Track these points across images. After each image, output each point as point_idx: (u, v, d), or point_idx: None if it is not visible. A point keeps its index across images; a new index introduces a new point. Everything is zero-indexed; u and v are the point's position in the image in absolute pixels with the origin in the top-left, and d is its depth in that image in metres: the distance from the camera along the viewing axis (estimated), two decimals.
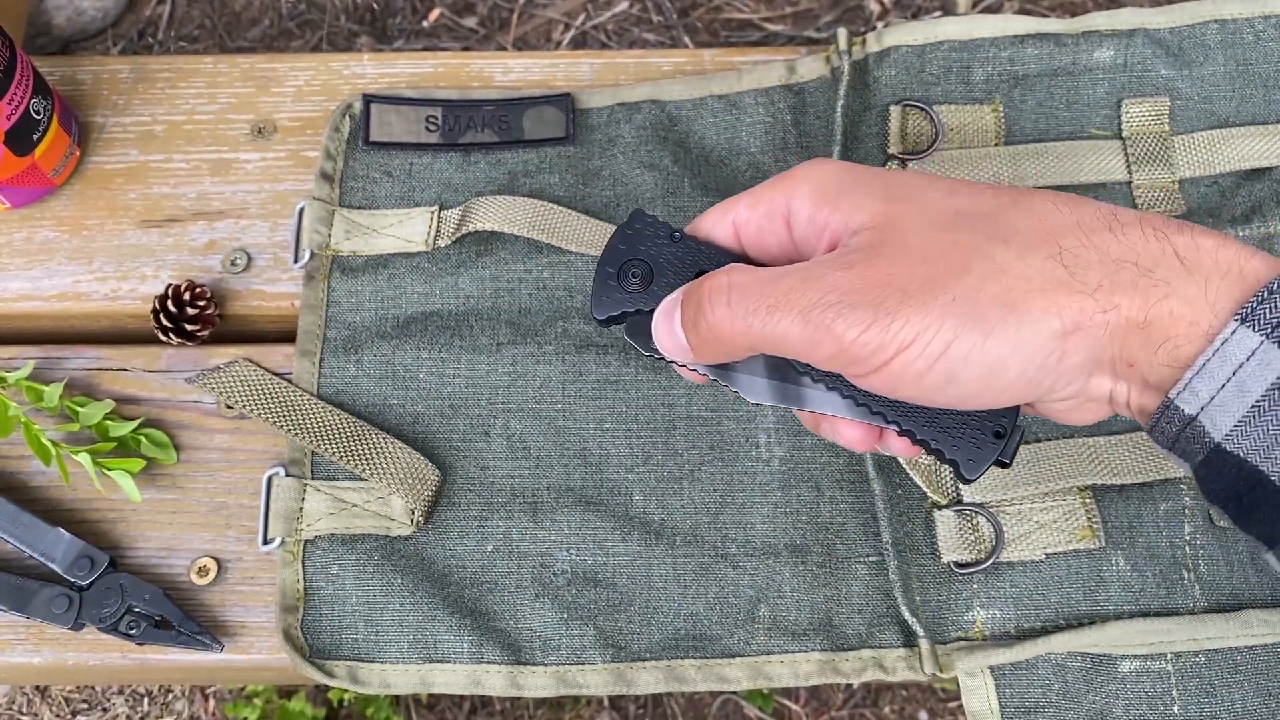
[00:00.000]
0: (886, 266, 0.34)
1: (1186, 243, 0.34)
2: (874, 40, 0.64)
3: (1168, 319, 0.33)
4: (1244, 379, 0.32)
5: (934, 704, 1.17)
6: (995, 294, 0.33)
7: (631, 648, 0.54)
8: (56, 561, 0.55)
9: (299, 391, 0.58)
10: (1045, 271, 0.33)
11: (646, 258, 0.40)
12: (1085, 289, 0.33)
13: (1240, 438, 0.33)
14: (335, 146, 0.65)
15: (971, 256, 0.34)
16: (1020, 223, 0.35)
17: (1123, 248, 0.34)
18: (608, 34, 1.43)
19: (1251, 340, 0.32)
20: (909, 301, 0.33)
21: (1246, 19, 0.63)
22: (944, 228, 0.35)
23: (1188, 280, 0.33)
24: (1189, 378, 0.33)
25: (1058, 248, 0.34)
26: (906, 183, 0.37)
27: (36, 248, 0.64)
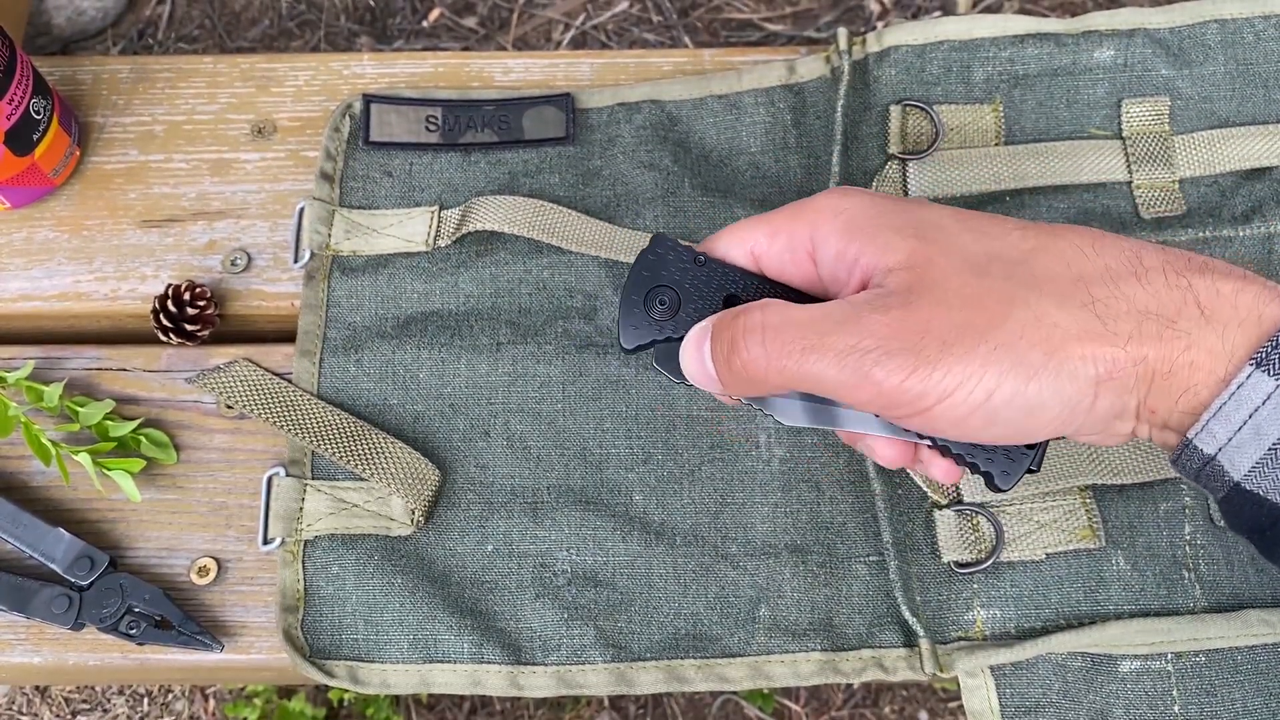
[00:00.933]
0: (925, 312, 0.35)
1: (1208, 288, 0.35)
2: (874, 40, 0.64)
3: (1188, 369, 0.34)
4: (1260, 422, 0.33)
5: (934, 704, 1.17)
6: (1036, 341, 0.34)
7: (632, 648, 0.54)
8: (56, 561, 0.55)
9: (299, 391, 0.58)
10: (1081, 321, 0.34)
11: (672, 284, 0.40)
12: (1117, 340, 0.34)
13: (1259, 478, 0.34)
14: (335, 146, 0.65)
15: (1010, 305, 0.35)
16: (1053, 269, 0.36)
17: (1148, 297, 0.35)
18: (608, 34, 1.43)
19: (1267, 384, 0.33)
20: (950, 350, 0.34)
21: (1247, 19, 0.63)
22: (979, 272, 0.35)
23: (1207, 330, 0.34)
24: (1206, 419, 0.34)
25: (1090, 297, 0.35)
26: (936, 221, 0.37)
27: (36, 248, 0.64)
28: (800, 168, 0.64)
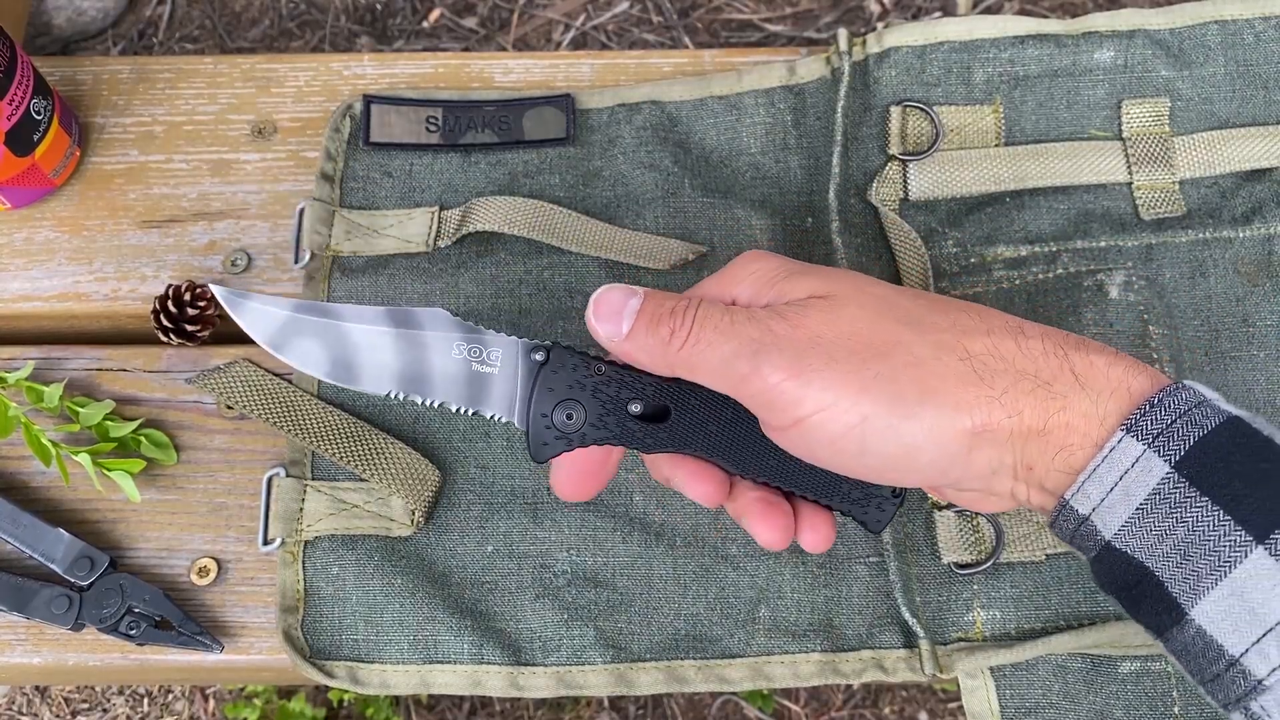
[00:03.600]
0: (817, 326, 0.37)
1: (1082, 360, 0.37)
2: (874, 41, 0.64)
3: (1063, 429, 0.36)
4: (1129, 484, 0.35)
5: (934, 704, 1.17)
6: (914, 379, 0.36)
7: (632, 648, 0.54)
8: (56, 562, 0.55)
9: (299, 392, 0.58)
10: (958, 370, 0.37)
11: (577, 397, 0.41)
12: (993, 393, 0.36)
13: (1128, 537, 0.36)
14: (336, 147, 0.65)
15: (894, 345, 0.37)
16: (940, 324, 0.38)
17: (1026, 360, 0.37)
18: (608, 34, 1.43)
19: (1135, 449, 0.35)
20: (833, 366, 0.36)
21: (1247, 20, 0.63)
22: (873, 313, 0.38)
23: (1081, 395, 0.37)
24: (1081, 481, 0.36)
25: (966, 353, 0.37)
26: (844, 273, 0.41)
27: (37, 248, 0.64)
28: (800, 168, 0.64)
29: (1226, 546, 0.34)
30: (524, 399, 0.42)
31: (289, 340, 0.41)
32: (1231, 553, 0.34)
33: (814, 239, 0.62)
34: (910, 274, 0.60)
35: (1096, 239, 0.60)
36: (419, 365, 0.42)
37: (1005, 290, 0.60)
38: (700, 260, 0.61)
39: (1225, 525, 0.34)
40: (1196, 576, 0.34)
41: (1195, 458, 0.35)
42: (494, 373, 0.42)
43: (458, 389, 0.42)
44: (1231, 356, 0.58)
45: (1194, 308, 0.59)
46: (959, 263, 0.61)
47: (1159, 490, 0.35)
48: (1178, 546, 0.35)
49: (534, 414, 0.41)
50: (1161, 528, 0.35)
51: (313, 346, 0.41)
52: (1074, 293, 0.59)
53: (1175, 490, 0.35)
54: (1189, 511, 0.35)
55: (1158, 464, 0.35)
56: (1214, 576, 0.34)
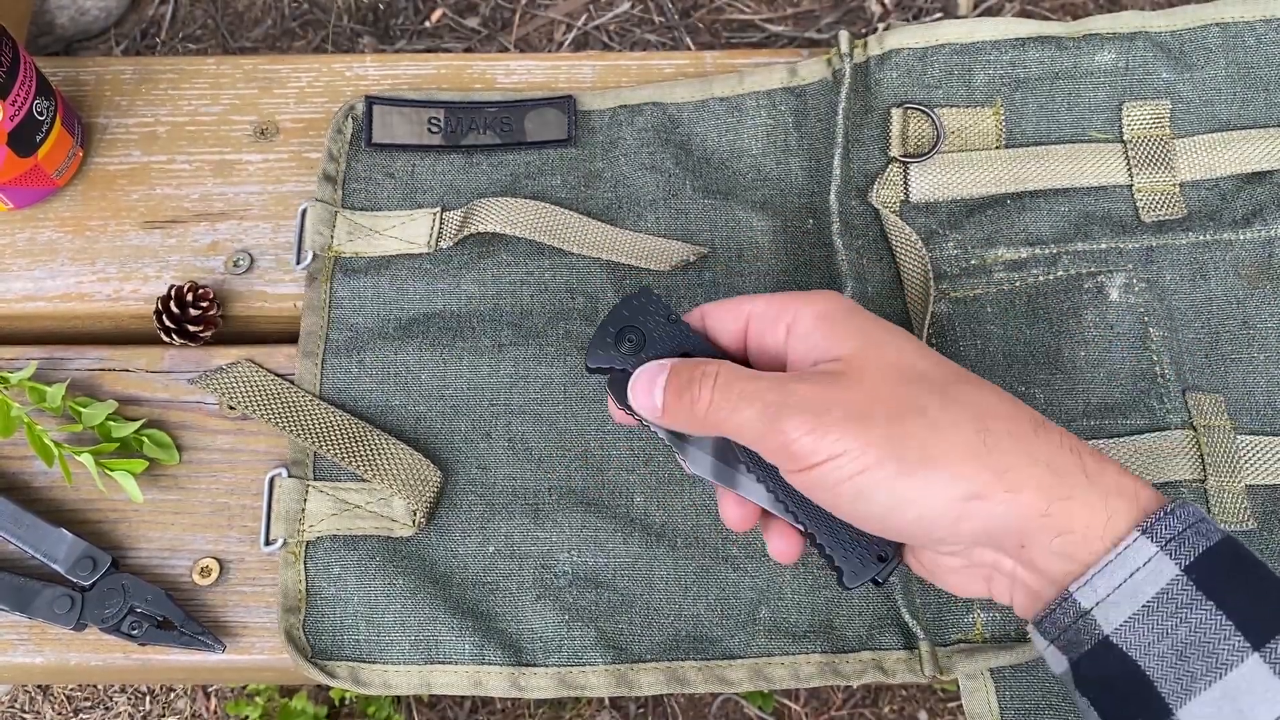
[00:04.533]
0: (841, 393, 0.40)
1: (1094, 462, 0.39)
2: (875, 43, 0.64)
3: (1066, 515, 0.38)
4: (1138, 581, 0.37)
5: (934, 704, 1.17)
6: (919, 445, 0.38)
7: (632, 649, 0.54)
8: (59, 562, 0.55)
9: (301, 393, 0.58)
10: (969, 442, 0.38)
11: (643, 329, 0.45)
12: (996, 470, 0.38)
13: (1127, 633, 0.37)
14: (338, 148, 0.65)
15: (911, 410, 0.39)
16: (963, 398, 0.40)
17: (1040, 448, 0.39)
18: (609, 35, 1.43)
19: (1149, 549, 0.37)
20: (848, 423, 0.39)
21: (1248, 22, 0.63)
22: (899, 380, 0.40)
23: (1089, 490, 0.38)
24: (1091, 575, 0.38)
25: (985, 428, 0.39)
26: (889, 336, 0.43)
27: (39, 248, 0.64)
28: (801, 170, 0.64)
29: (1225, 650, 0.36)
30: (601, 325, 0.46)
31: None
32: (1229, 656, 0.36)
33: (815, 241, 0.62)
34: (911, 276, 0.60)
35: (1097, 241, 0.60)
36: None
37: (1006, 292, 0.60)
38: (701, 261, 0.61)
39: (1226, 629, 0.36)
40: (1191, 677, 0.36)
41: (1203, 564, 0.37)
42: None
43: None
44: (1232, 359, 0.58)
45: (1194, 310, 0.59)
46: (959, 264, 0.61)
47: (1166, 590, 0.37)
48: (1175, 646, 0.36)
49: (605, 325, 0.46)
50: (1164, 626, 0.37)
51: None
52: (1074, 295, 0.59)
53: (1183, 592, 0.37)
54: (1193, 613, 0.36)
55: (1168, 566, 0.37)
56: (1209, 678, 0.36)
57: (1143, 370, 0.57)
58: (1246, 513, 0.54)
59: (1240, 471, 0.55)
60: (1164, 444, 0.55)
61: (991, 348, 0.59)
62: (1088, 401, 0.57)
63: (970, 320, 0.59)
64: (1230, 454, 0.55)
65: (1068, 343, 0.58)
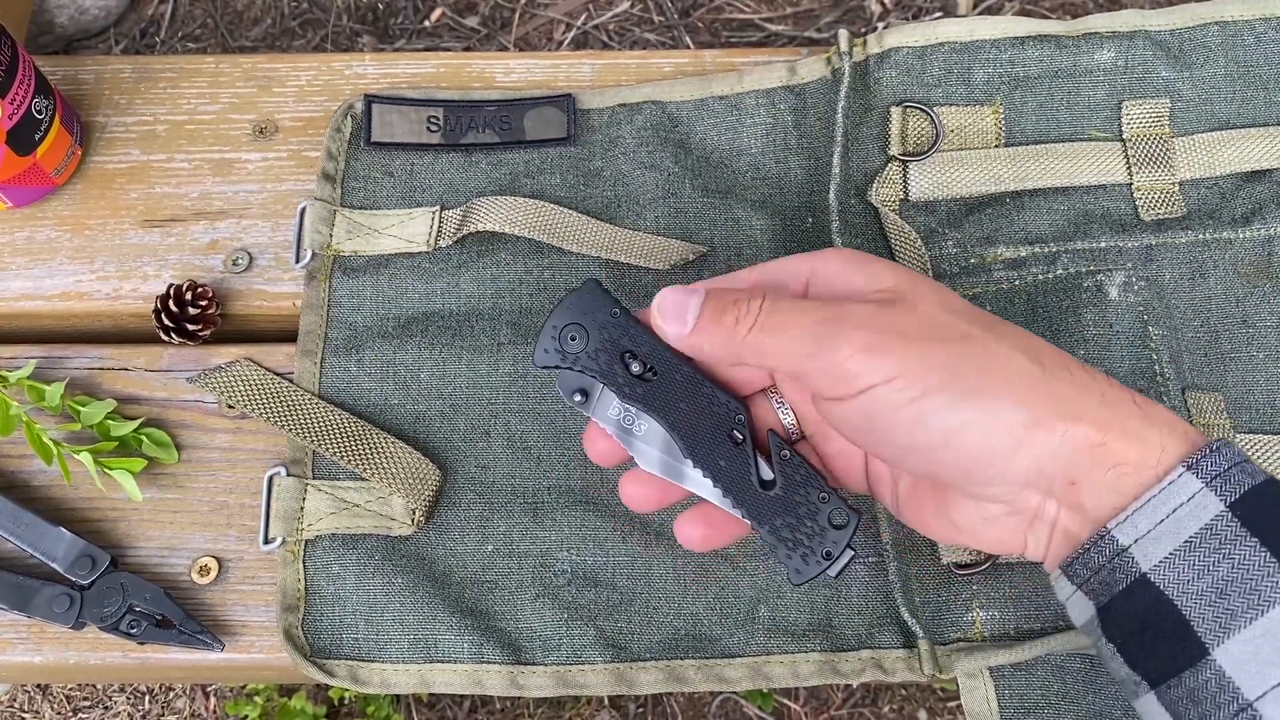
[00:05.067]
0: (897, 317, 0.39)
1: (1144, 401, 0.39)
2: (875, 42, 0.64)
3: (1121, 448, 0.37)
4: (1181, 517, 0.36)
5: (933, 703, 1.17)
6: (981, 370, 0.37)
7: (631, 648, 0.54)
8: (58, 561, 0.55)
9: (300, 391, 0.58)
10: (1027, 370, 0.38)
11: (587, 324, 0.45)
12: (1055, 398, 0.37)
13: (1166, 570, 0.36)
14: (337, 147, 0.65)
15: (968, 337, 0.39)
16: (1011, 334, 0.40)
17: (1091, 380, 0.39)
18: (609, 34, 1.43)
19: (1194, 485, 0.37)
20: (908, 344, 0.38)
21: (1247, 21, 0.63)
22: (950, 311, 0.40)
23: (1143, 423, 0.38)
24: (1132, 510, 0.37)
25: (1039, 360, 0.39)
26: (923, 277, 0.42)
27: (38, 247, 0.64)
28: (801, 169, 0.64)
29: (1268, 587, 0.35)
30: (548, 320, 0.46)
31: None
32: (1272, 593, 0.35)
33: (814, 239, 0.62)
34: None
35: (1096, 240, 0.60)
36: None
37: (1005, 291, 0.60)
38: (700, 260, 0.61)
39: (1271, 566, 0.35)
40: (1230, 615, 0.35)
41: (1249, 502, 0.36)
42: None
43: None
44: (1231, 357, 0.58)
45: (1194, 309, 0.59)
46: (959, 263, 0.61)
47: (1210, 526, 0.36)
48: (1215, 584, 0.36)
49: (550, 323, 0.45)
50: (1205, 563, 0.36)
51: None
52: (1074, 293, 0.59)
53: (1227, 528, 0.36)
54: (1237, 549, 0.36)
55: (1213, 502, 0.36)
56: (1249, 615, 0.35)
57: (1142, 369, 0.57)
58: None
59: None
60: None
61: None
62: None
63: None
64: None
65: (1067, 341, 0.58)
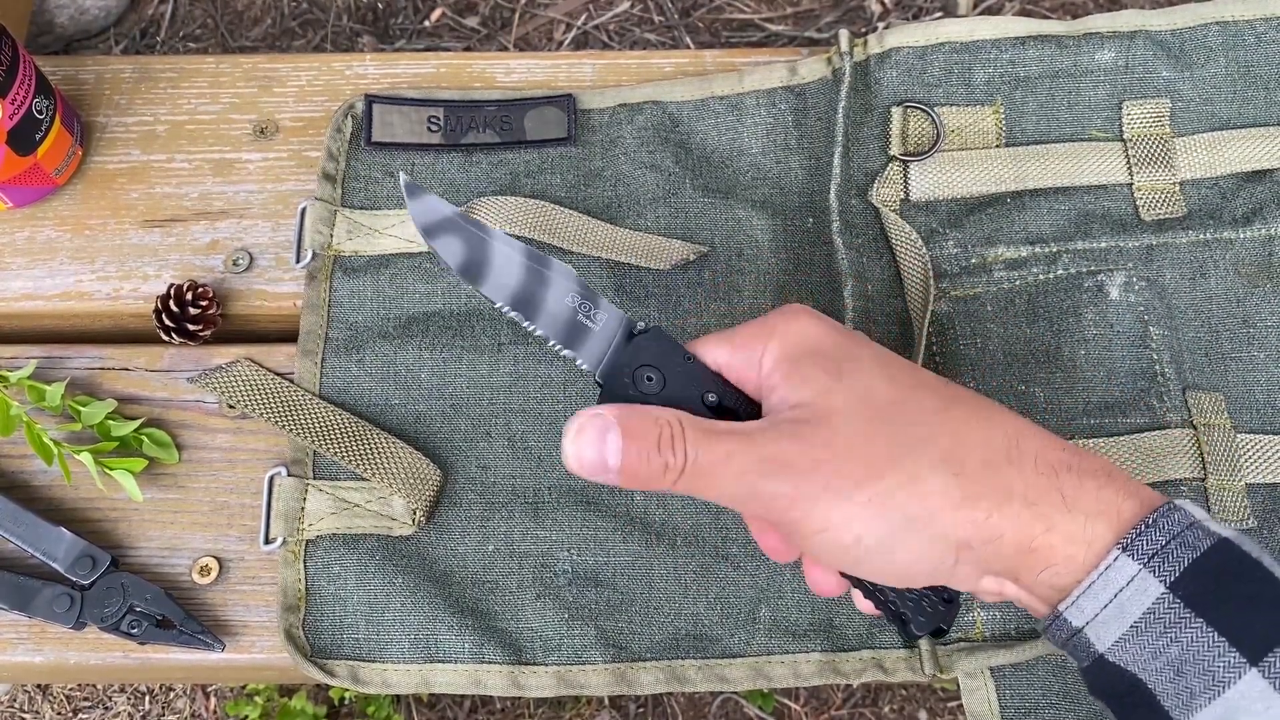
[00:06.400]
0: (813, 448, 0.38)
1: (1072, 483, 0.38)
2: (875, 42, 0.64)
3: (1048, 550, 0.38)
4: (1124, 601, 0.37)
5: (934, 703, 1.17)
6: (903, 503, 0.38)
7: (632, 648, 0.54)
8: (58, 561, 0.55)
9: (301, 391, 0.58)
10: (948, 490, 0.38)
11: (662, 367, 0.43)
12: (978, 516, 0.38)
13: (1121, 651, 0.37)
14: (337, 147, 0.65)
15: (890, 463, 0.38)
16: (934, 432, 0.39)
17: (1016, 479, 0.38)
18: (609, 34, 1.43)
19: (1131, 568, 0.37)
20: (829, 493, 0.38)
21: (1248, 21, 0.63)
22: (874, 420, 0.39)
23: (1068, 518, 0.38)
24: (1076, 596, 0.38)
25: (960, 469, 0.38)
26: (858, 361, 0.41)
27: (39, 247, 0.64)
28: (802, 169, 0.64)
29: (1220, 667, 0.35)
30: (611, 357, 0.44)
31: (440, 233, 0.44)
32: (1225, 673, 0.35)
33: (815, 239, 0.62)
34: (911, 274, 0.60)
35: (1097, 240, 0.60)
36: (534, 294, 0.44)
37: (1006, 291, 0.60)
38: (700, 260, 0.61)
39: (1219, 647, 0.35)
40: (1190, 694, 0.35)
41: (1189, 579, 0.36)
42: (595, 329, 0.44)
43: (558, 328, 0.44)
44: (1232, 358, 0.58)
45: (1194, 309, 0.59)
46: (959, 263, 0.61)
47: (1154, 610, 0.36)
48: (1171, 664, 0.36)
49: (618, 369, 0.44)
50: (1156, 645, 0.36)
51: (456, 245, 0.44)
52: (1074, 293, 0.59)
53: (1170, 610, 0.36)
54: (1183, 632, 0.36)
55: (1153, 584, 0.36)
56: (1208, 695, 0.35)
57: (1143, 369, 0.57)
58: (1246, 511, 0.54)
59: (1240, 470, 0.55)
60: (1164, 442, 0.55)
61: (991, 346, 0.59)
62: (1088, 400, 0.57)
63: (970, 319, 0.59)
64: (1230, 452, 0.55)
65: (1068, 341, 0.58)
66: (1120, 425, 0.56)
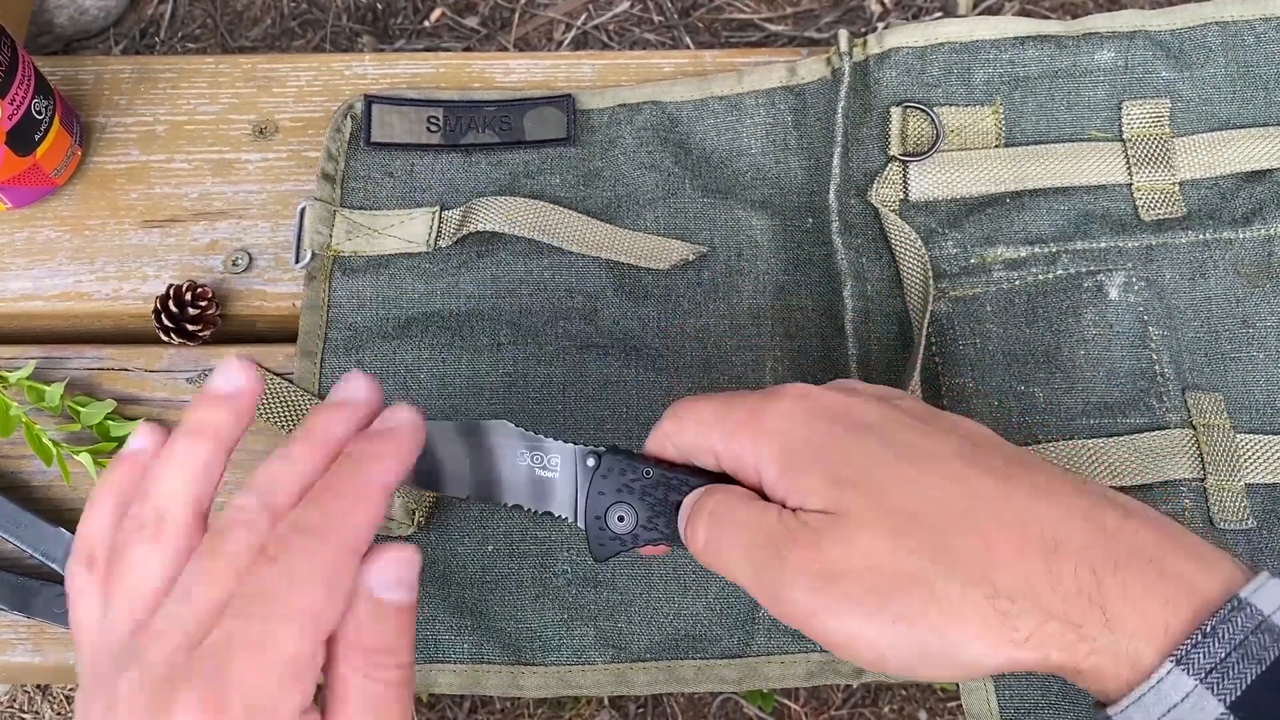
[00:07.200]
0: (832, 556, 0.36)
1: (1116, 590, 0.35)
2: (875, 42, 0.64)
3: (1094, 672, 0.35)
4: (1181, 716, 0.33)
5: (933, 703, 1.17)
6: (933, 626, 0.35)
7: (631, 648, 0.54)
8: (58, 562, 0.55)
9: (300, 392, 0.58)
10: (981, 614, 0.35)
11: (628, 500, 0.42)
12: (1017, 637, 0.35)
13: None
14: (337, 147, 0.65)
15: (914, 581, 0.35)
16: (964, 548, 0.36)
17: (1054, 595, 0.35)
18: (609, 34, 1.43)
19: (1186, 683, 0.33)
20: (848, 607, 0.36)
21: (1247, 21, 0.63)
22: (893, 539, 0.36)
23: (1111, 639, 0.35)
24: (1125, 705, 0.35)
25: (994, 590, 0.35)
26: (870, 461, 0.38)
27: (38, 248, 0.64)
28: (801, 169, 0.64)
29: None
30: (582, 502, 0.43)
31: None
32: None
33: (814, 239, 0.62)
34: (910, 275, 0.60)
35: (1096, 240, 0.60)
36: (491, 474, 0.44)
37: (1005, 291, 0.60)
38: (700, 260, 0.61)
39: None
40: None
41: (1253, 697, 0.33)
42: (555, 477, 0.44)
43: (525, 492, 0.44)
44: (1231, 358, 0.58)
45: (1194, 309, 0.59)
46: (959, 263, 0.61)
47: None
48: None
49: (589, 517, 0.43)
50: None
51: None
52: (1074, 294, 0.59)
53: None
54: None
55: (1211, 703, 0.33)
56: None
57: (1142, 369, 0.57)
58: (1246, 511, 0.54)
59: (1240, 470, 0.55)
60: (1163, 443, 0.55)
61: (991, 347, 0.59)
62: (1087, 400, 0.57)
63: (970, 319, 0.59)
64: (1230, 453, 0.55)
65: (1067, 342, 0.58)
66: (1120, 425, 0.56)
